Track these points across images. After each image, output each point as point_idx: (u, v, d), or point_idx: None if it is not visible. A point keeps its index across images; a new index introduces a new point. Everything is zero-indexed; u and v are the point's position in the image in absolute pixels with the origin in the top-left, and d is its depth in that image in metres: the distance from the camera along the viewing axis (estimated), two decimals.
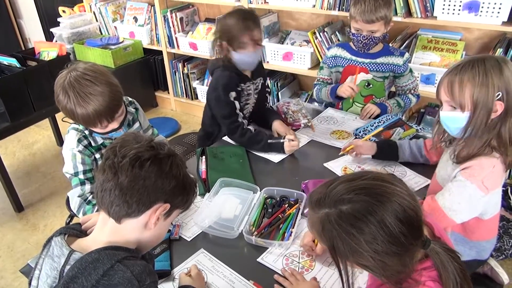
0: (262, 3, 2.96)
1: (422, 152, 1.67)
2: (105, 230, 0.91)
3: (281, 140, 1.84)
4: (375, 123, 1.96)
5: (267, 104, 2.15)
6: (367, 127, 1.94)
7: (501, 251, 2.19)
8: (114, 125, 1.46)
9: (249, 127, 1.92)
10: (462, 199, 1.26)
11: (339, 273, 0.88)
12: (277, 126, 1.97)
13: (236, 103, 1.90)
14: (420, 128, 1.95)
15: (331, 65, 2.18)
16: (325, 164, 1.73)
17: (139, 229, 0.91)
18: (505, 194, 2.48)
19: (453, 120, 1.25)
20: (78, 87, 1.35)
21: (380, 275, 0.86)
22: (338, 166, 1.72)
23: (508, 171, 2.58)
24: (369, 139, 1.81)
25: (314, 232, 0.91)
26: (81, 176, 1.50)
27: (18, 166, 3.29)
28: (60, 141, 3.50)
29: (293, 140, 1.83)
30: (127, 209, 0.87)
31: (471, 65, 1.21)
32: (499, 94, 1.18)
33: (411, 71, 2.13)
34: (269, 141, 1.85)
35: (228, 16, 1.83)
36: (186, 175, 0.94)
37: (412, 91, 2.16)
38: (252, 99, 2.03)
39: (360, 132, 1.92)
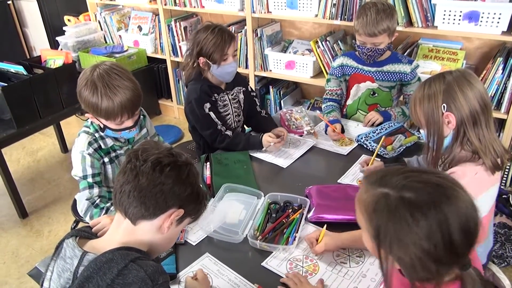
0: (265, 12, 3.01)
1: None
2: (120, 231, 0.94)
3: (259, 137, 1.92)
4: (377, 129, 1.98)
5: (259, 108, 2.18)
6: (369, 134, 1.96)
7: (503, 258, 2.20)
8: (129, 122, 1.53)
9: (226, 132, 1.97)
10: None
11: (379, 264, 0.83)
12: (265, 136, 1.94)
13: (212, 113, 1.95)
14: (422, 136, 1.98)
15: (339, 75, 2.21)
16: (338, 181, 1.71)
17: (152, 232, 0.94)
18: (506, 202, 2.49)
19: (423, 137, 1.36)
20: (107, 79, 1.42)
21: (408, 274, 0.82)
22: (352, 182, 1.70)
23: (510, 179, 2.62)
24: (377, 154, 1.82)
25: (362, 211, 0.86)
26: (90, 180, 1.52)
27: (23, 173, 3.32)
28: (64, 148, 3.54)
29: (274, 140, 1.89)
30: (144, 211, 0.90)
31: (422, 84, 1.31)
32: (444, 106, 1.25)
33: (419, 80, 2.14)
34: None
35: (204, 33, 1.87)
36: (199, 186, 0.99)
37: None
38: (231, 109, 2.07)
39: (361, 138, 1.94)
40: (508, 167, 2.59)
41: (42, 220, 2.78)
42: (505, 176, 2.62)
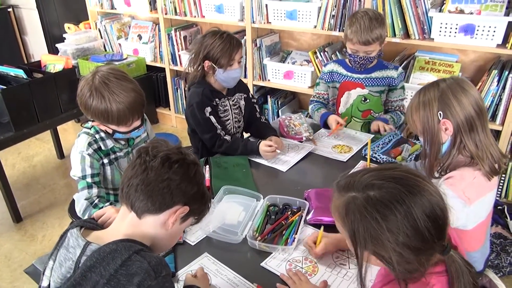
0: (264, 23, 3.06)
1: None
2: (124, 224, 0.95)
3: (256, 143, 1.93)
4: (379, 143, 1.96)
5: (259, 115, 2.20)
6: (373, 148, 1.93)
7: (499, 268, 2.21)
8: (137, 122, 1.55)
9: (225, 137, 1.99)
10: None
11: (357, 262, 0.87)
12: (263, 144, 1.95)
13: (212, 117, 1.97)
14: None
15: (328, 80, 2.25)
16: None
17: (157, 227, 0.95)
18: (501, 213, 2.51)
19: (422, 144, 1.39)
20: (111, 86, 1.43)
21: (393, 269, 0.85)
22: None
23: (504, 191, 2.64)
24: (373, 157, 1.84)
25: (336, 217, 0.90)
26: (89, 180, 1.52)
27: (18, 178, 3.30)
28: (61, 154, 3.52)
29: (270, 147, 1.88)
30: (150, 205, 0.91)
31: (417, 92, 1.34)
32: (440, 113, 1.28)
33: (403, 88, 2.20)
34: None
35: (212, 38, 1.90)
36: (205, 186, 1.00)
37: (401, 108, 2.22)
38: (231, 115, 2.09)
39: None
40: (502, 179, 2.62)
41: (37, 225, 2.75)
42: (500, 187, 2.65)
